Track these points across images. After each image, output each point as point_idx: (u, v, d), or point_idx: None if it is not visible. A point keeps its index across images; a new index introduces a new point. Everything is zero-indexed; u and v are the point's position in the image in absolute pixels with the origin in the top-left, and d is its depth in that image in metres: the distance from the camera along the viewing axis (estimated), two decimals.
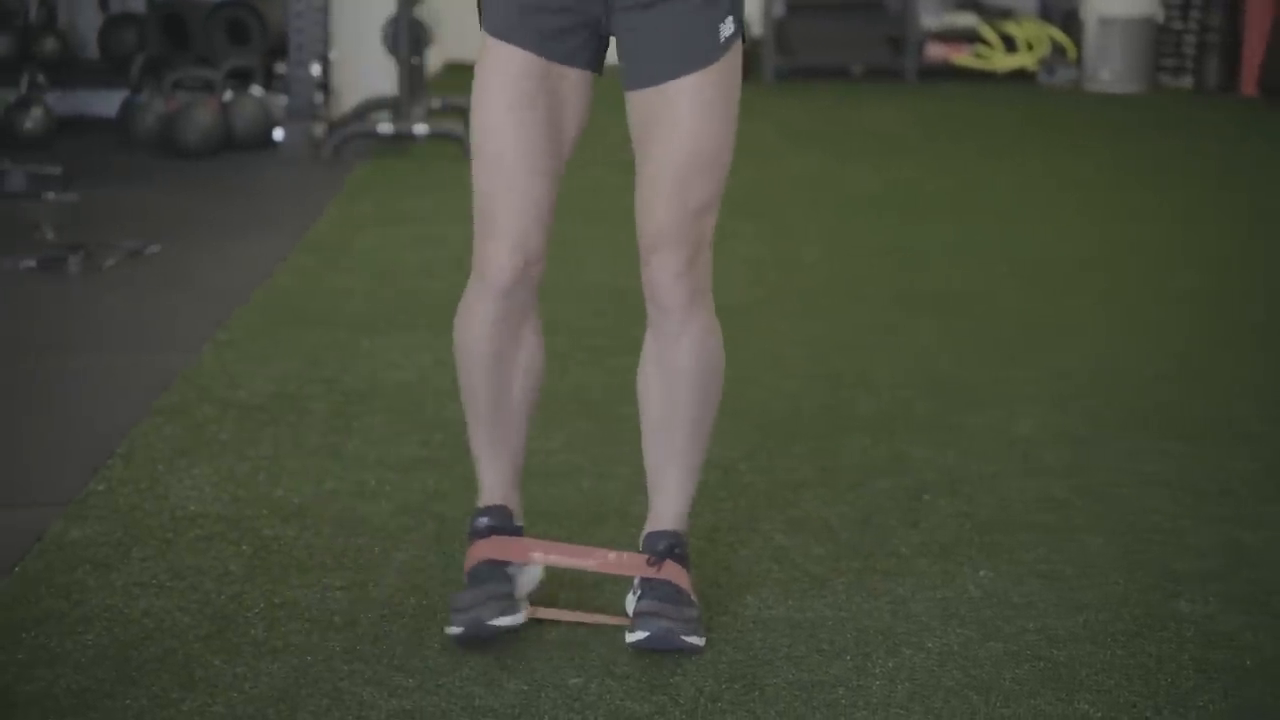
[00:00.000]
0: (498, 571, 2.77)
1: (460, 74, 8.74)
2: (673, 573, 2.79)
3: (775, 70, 8.78)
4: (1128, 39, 8.68)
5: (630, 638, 2.73)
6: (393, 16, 6.82)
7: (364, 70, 7.31)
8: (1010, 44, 8.96)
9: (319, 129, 6.79)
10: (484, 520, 2.81)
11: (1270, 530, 3.22)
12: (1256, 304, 4.81)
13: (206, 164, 6.55)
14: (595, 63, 2.73)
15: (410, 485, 3.41)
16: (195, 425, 3.70)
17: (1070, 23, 9.02)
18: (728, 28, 2.66)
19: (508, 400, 2.81)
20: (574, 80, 2.71)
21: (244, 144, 6.72)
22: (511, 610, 2.73)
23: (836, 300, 4.83)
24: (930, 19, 8.99)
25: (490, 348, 2.77)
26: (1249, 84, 8.37)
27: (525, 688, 2.62)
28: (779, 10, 8.86)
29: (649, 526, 2.84)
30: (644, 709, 2.56)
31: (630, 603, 2.83)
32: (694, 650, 2.71)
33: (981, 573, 3.04)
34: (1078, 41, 8.95)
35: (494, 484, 2.83)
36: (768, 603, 2.92)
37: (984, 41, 8.92)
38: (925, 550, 3.14)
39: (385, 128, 6.73)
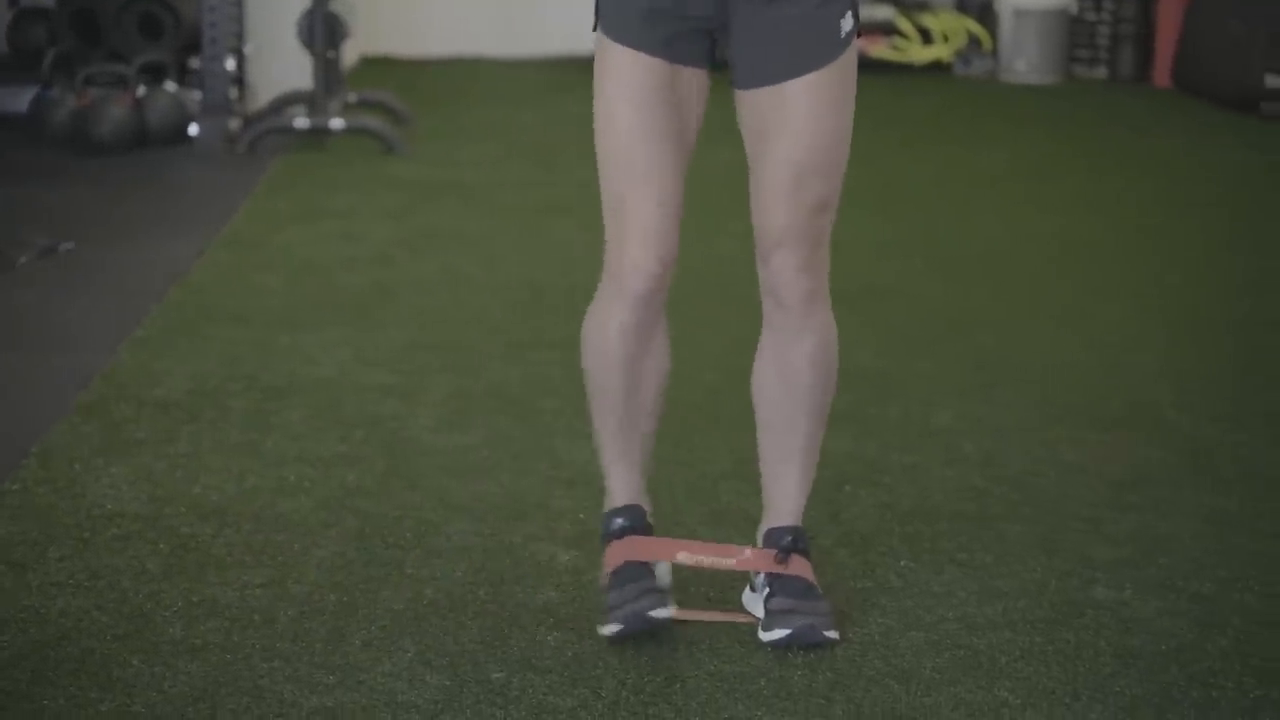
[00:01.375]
0: (643, 569, 2.77)
1: (377, 68, 8.72)
2: (800, 567, 2.81)
3: None
4: (1042, 30, 8.74)
5: (767, 636, 2.73)
6: (308, 10, 6.78)
7: (279, 65, 7.26)
8: (927, 36, 9.01)
9: (234, 124, 6.74)
10: (619, 521, 2.82)
11: (1185, 518, 3.26)
12: (1172, 293, 4.86)
13: (120, 160, 6.48)
14: (711, 58, 2.72)
15: (330, 481, 3.39)
16: (112, 424, 3.66)
17: (986, 14, 9.08)
18: (847, 23, 2.66)
19: (639, 405, 2.81)
20: (693, 78, 2.70)
21: (158, 139, 6.66)
22: (665, 603, 2.73)
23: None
24: None
25: (624, 352, 2.77)
26: (1161, 75, 8.46)
27: (448, 683, 2.61)
28: None
29: (769, 522, 2.85)
30: (567, 703, 2.56)
31: (751, 599, 2.84)
32: (832, 644, 2.72)
33: (902, 562, 3.06)
34: (993, 33, 9.01)
35: (625, 486, 2.84)
36: (689, 595, 2.91)
37: (901, 34, 8.96)
38: (846, 541, 3.15)
39: (301, 123, 6.68)
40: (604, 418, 2.83)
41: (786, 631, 2.71)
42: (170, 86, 6.79)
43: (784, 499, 2.83)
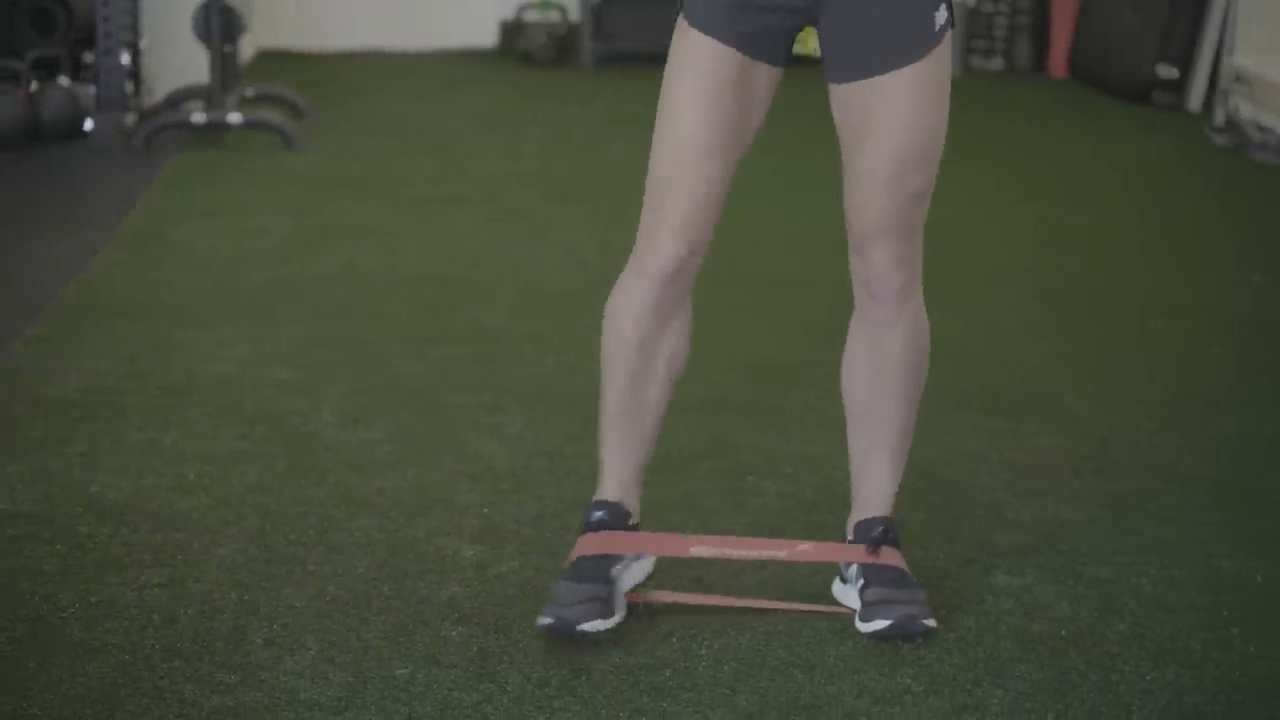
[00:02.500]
0: (601, 570, 2.76)
1: (275, 62, 8.64)
2: (893, 557, 2.81)
3: (592, 56, 8.77)
4: None
5: (867, 627, 2.73)
6: (203, 3, 6.70)
7: (175, 59, 7.17)
8: None
9: (130, 119, 6.65)
10: (598, 514, 2.81)
11: (1084, 504, 3.29)
12: (1072, 280, 4.90)
13: (13, 156, 6.39)
14: (788, 57, 2.72)
15: (230, 479, 3.36)
16: (6, 423, 3.61)
17: None
18: (941, 15, 2.66)
19: (645, 393, 2.79)
20: (766, 75, 2.70)
21: (52, 135, 6.56)
22: (605, 614, 2.72)
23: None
24: None
25: (637, 334, 2.75)
26: (1058, 65, 8.54)
27: (351, 680, 2.59)
28: None
29: (860, 514, 2.85)
30: (472, 698, 2.55)
31: (843, 590, 2.84)
32: (931, 632, 2.72)
33: None
34: None
35: (615, 479, 2.83)
36: None
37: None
38: (750, 531, 3.16)
39: (198, 118, 6.61)
40: (609, 401, 2.82)
41: (887, 622, 2.72)
42: (64, 82, 6.69)
43: (875, 490, 2.85)
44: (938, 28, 2.66)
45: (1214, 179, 6.31)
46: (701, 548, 2.86)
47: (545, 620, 2.71)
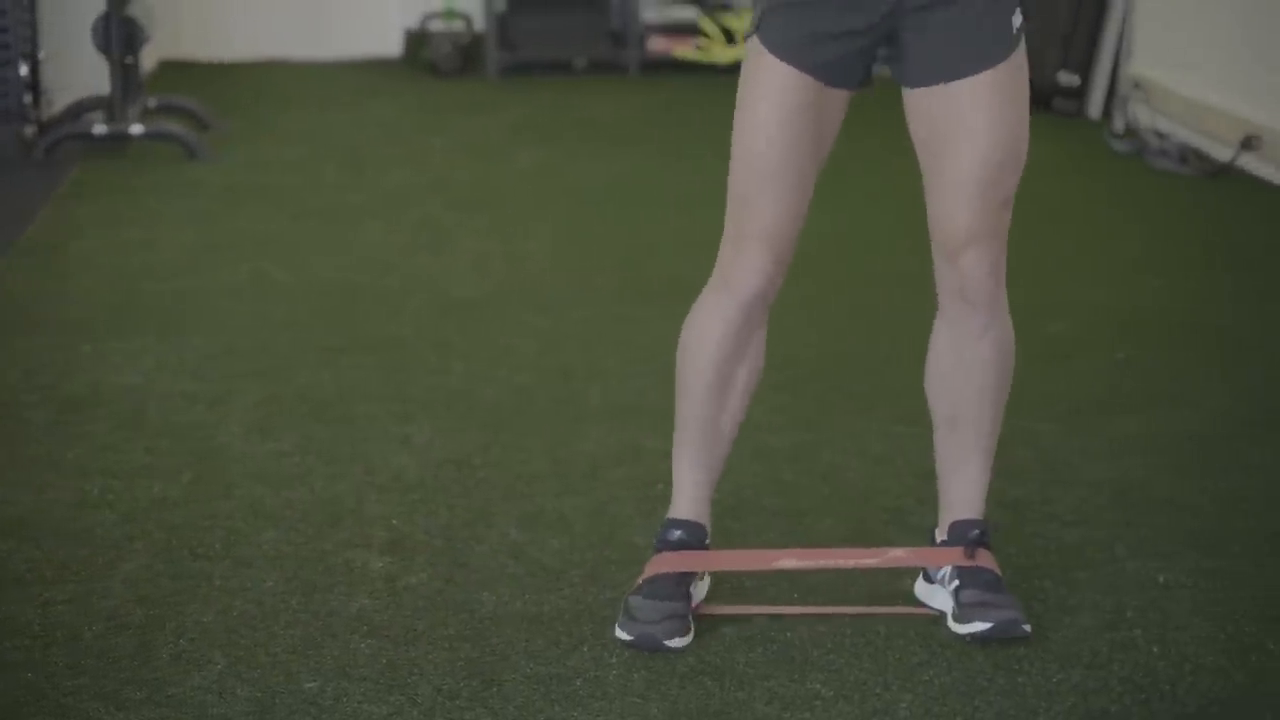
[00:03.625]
0: (680, 587, 2.77)
1: (178, 72, 8.56)
2: (988, 560, 2.83)
3: (498, 65, 8.76)
4: None
5: (965, 629, 2.75)
6: (104, 14, 6.64)
7: (76, 70, 7.09)
8: (730, 37, 9.08)
9: (30, 131, 6.58)
10: (677, 533, 2.82)
11: (987, 507, 3.31)
12: None
13: None
14: (862, 82, 2.74)
15: (135, 492, 3.33)
16: None
17: None
18: (1017, 19, 2.69)
19: (725, 411, 2.81)
20: (840, 98, 2.72)
21: None
22: (685, 632, 2.73)
23: (566, 293, 4.84)
24: (651, 13, 9.05)
25: (720, 352, 2.77)
26: None
27: (259, 694, 2.58)
28: (500, 5, 8.85)
29: (952, 515, 2.87)
30: (381, 710, 2.54)
31: (929, 591, 2.87)
32: (1028, 637, 2.74)
33: None
34: None
35: (692, 500, 2.84)
36: (504, 598, 2.92)
37: (704, 34, 9.02)
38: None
39: (100, 129, 6.54)
40: (685, 422, 2.83)
41: (987, 625, 2.73)
42: None
43: (968, 492, 2.87)
44: (1015, 29, 2.69)
45: (1114, 184, 6.39)
46: (789, 560, 2.89)
47: (626, 636, 2.72)
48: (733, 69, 9.00)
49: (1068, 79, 7.63)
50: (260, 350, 4.26)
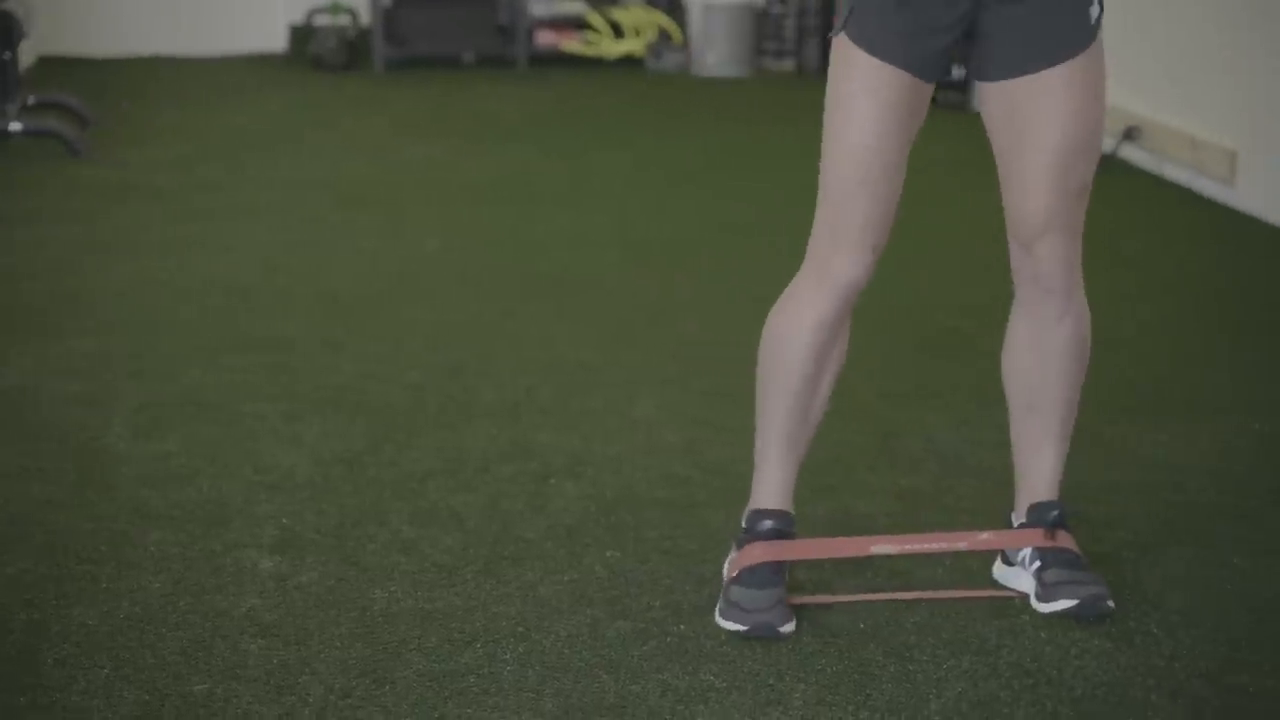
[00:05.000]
0: (778, 575, 2.82)
1: (57, 68, 8.44)
2: (1068, 541, 2.87)
3: (384, 60, 8.71)
4: (731, 24, 8.88)
5: (1050, 607, 2.80)
6: None
7: None
8: (618, 30, 9.08)
9: None
10: (768, 523, 2.87)
11: (879, 497, 3.34)
12: None
13: None
14: (947, 73, 2.77)
15: (16, 495, 3.27)
16: None
17: (675, 9, 9.19)
18: (1095, 9, 2.71)
19: (815, 400, 2.86)
20: (927, 90, 2.74)
21: None
22: (791, 618, 2.78)
23: (455, 289, 4.82)
24: (539, 6, 9.04)
25: (816, 344, 2.81)
26: None
27: (147, 697, 2.54)
28: None
29: (1030, 498, 2.92)
30: (273, 711, 2.52)
31: (1008, 573, 2.92)
32: (1112, 613, 2.79)
33: (608, 553, 3.08)
34: (684, 27, 9.13)
35: (778, 488, 2.88)
36: (396, 596, 2.90)
37: (592, 28, 9.02)
38: (552, 534, 3.16)
39: None
40: (775, 417, 2.86)
41: (1073, 602, 2.79)
42: None
43: (1047, 474, 2.92)
44: (1093, 21, 2.72)
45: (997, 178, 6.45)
46: (883, 546, 2.93)
47: (738, 627, 2.75)
48: (622, 64, 9.03)
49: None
50: (144, 350, 4.21)
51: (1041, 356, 2.87)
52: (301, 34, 8.99)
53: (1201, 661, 2.69)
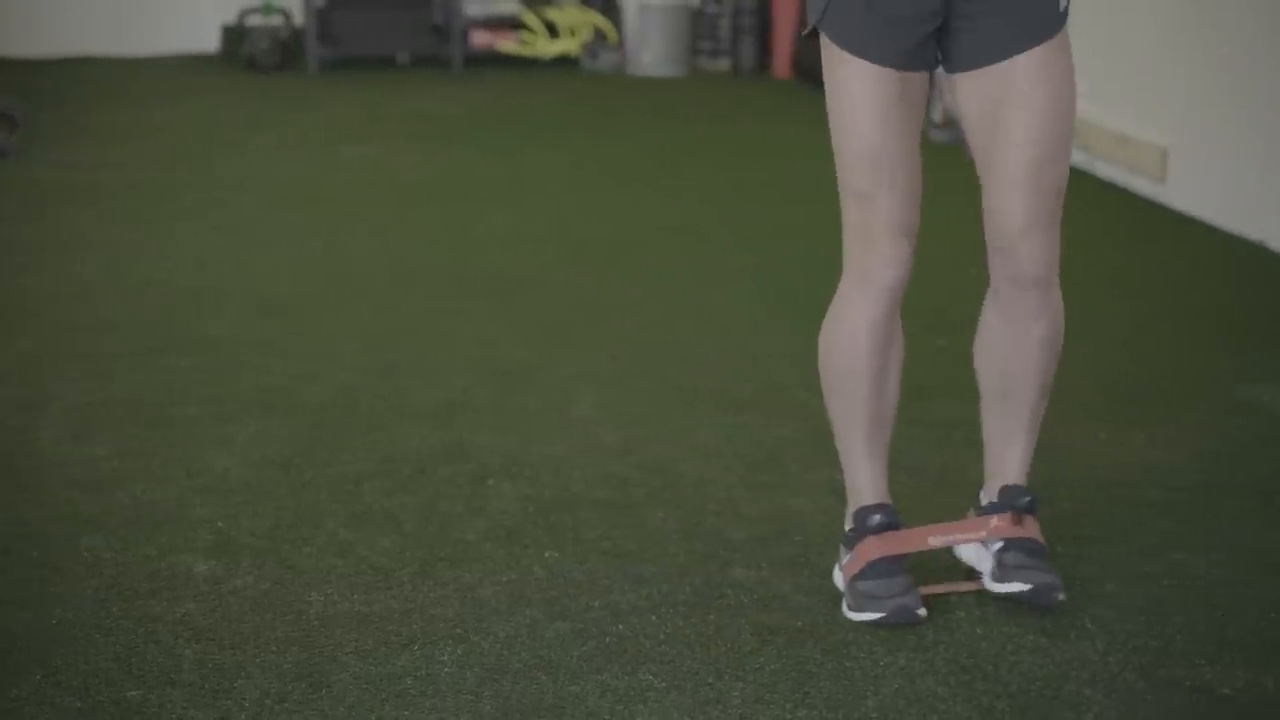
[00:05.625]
0: (897, 566, 2.84)
1: None
2: (1034, 530, 2.91)
3: (319, 61, 8.67)
4: (666, 24, 8.89)
5: (1003, 588, 2.84)
6: None
7: None
8: (553, 30, 9.07)
9: None
10: (877, 518, 2.88)
11: (815, 495, 3.35)
12: (797, 278, 4.99)
13: None
14: (935, 62, 2.76)
15: None
16: None
17: (610, 8, 9.19)
18: None
19: (885, 398, 2.87)
20: (921, 79, 2.74)
21: None
22: (923, 603, 2.82)
23: (391, 290, 4.80)
24: (474, 6, 9.02)
25: (874, 344, 2.82)
26: (781, 66, 8.69)
27: (79, 704, 2.52)
28: None
29: (1001, 480, 2.93)
30: (207, 716, 2.50)
31: (973, 553, 2.94)
32: (1061, 606, 2.82)
33: (547, 554, 3.07)
34: (619, 27, 9.13)
35: (875, 484, 2.91)
36: (333, 599, 2.88)
37: (528, 28, 9.01)
38: (490, 535, 3.15)
39: None
40: (852, 419, 2.88)
41: (1026, 586, 2.82)
42: None
43: (1015, 463, 2.94)
44: (1062, 7, 2.72)
45: (933, 175, 6.46)
46: (935, 538, 2.93)
47: (876, 615, 2.79)
48: (557, 63, 9.02)
49: None
50: (74, 353, 4.17)
51: (1017, 350, 2.88)
52: (234, 34, 8.94)
53: (1135, 656, 2.71)
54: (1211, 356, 4.25)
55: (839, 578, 2.91)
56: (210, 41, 9.06)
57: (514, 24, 9.02)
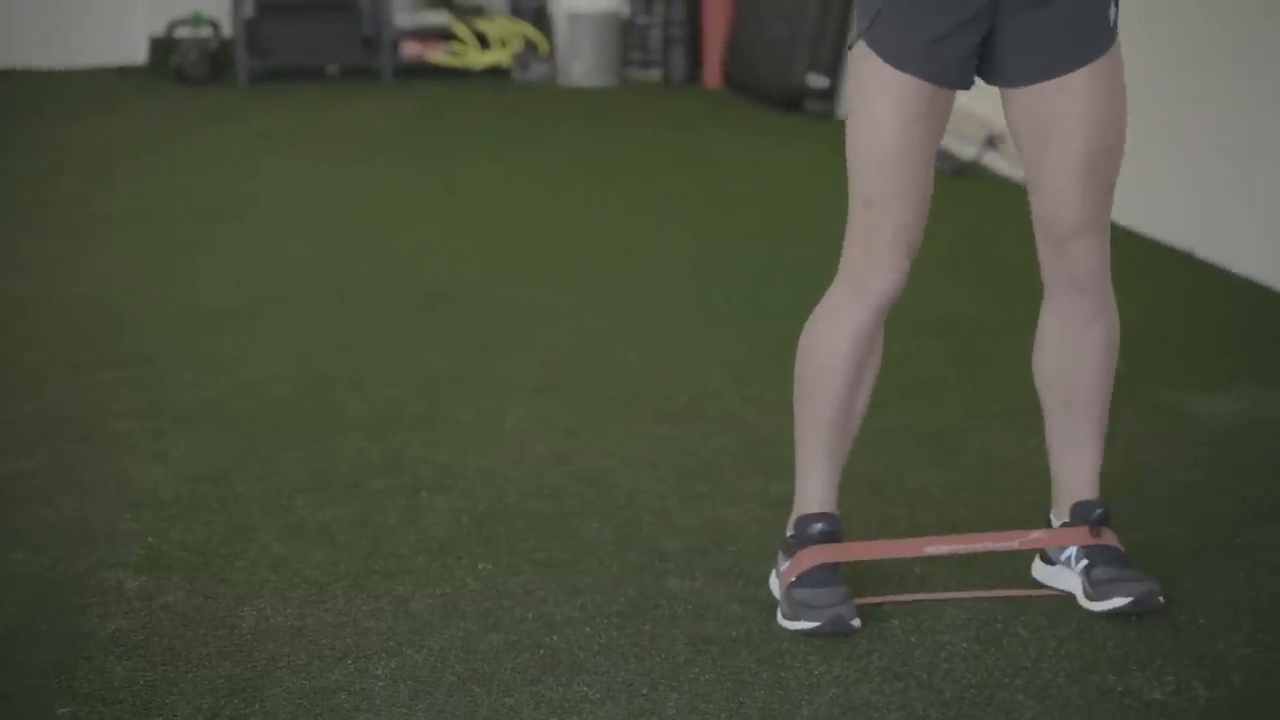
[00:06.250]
0: (838, 575, 2.84)
1: None
2: (1112, 538, 2.90)
3: (248, 73, 8.63)
4: (596, 34, 8.89)
5: (1103, 605, 2.83)
6: None
7: None
8: (484, 41, 9.06)
9: None
10: (819, 526, 2.89)
11: (748, 504, 3.36)
12: (726, 286, 5.00)
13: None
14: (971, 81, 2.77)
15: None
16: None
17: (541, 19, 9.18)
18: (1113, 10, 2.73)
19: (853, 409, 2.87)
20: (950, 97, 2.75)
21: None
22: (858, 613, 2.81)
23: (324, 302, 4.78)
24: (404, 18, 8.99)
25: (854, 354, 2.83)
26: (712, 76, 8.71)
27: None
28: (249, 10, 8.71)
29: (1072, 497, 2.92)
30: None
31: (1050, 573, 2.94)
32: (1162, 607, 2.83)
33: (480, 566, 3.07)
34: (549, 37, 9.13)
35: (823, 493, 2.91)
36: (265, 613, 2.87)
37: (458, 39, 8.99)
38: (424, 548, 3.14)
39: None
40: (817, 422, 2.89)
41: (1128, 599, 2.82)
42: None
43: (1088, 473, 2.94)
44: (1112, 22, 2.75)
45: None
46: (937, 546, 2.95)
47: (809, 624, 2.78)
48: (488, 75, 9.01)
49: (817, 81, 7.77)
50: (4, 367, 4.14)
51: (1076, 357, 2.90)
52: (163, 46, 8.88)
53: (1067, 662, 2.73)
54: (1138, 364, 4.29)
55: (775, 584, 2.92)
56: (139, 53, 8.99)
57: (444, 35, 9.01)
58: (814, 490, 2.93)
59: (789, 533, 2.95)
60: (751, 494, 3.41)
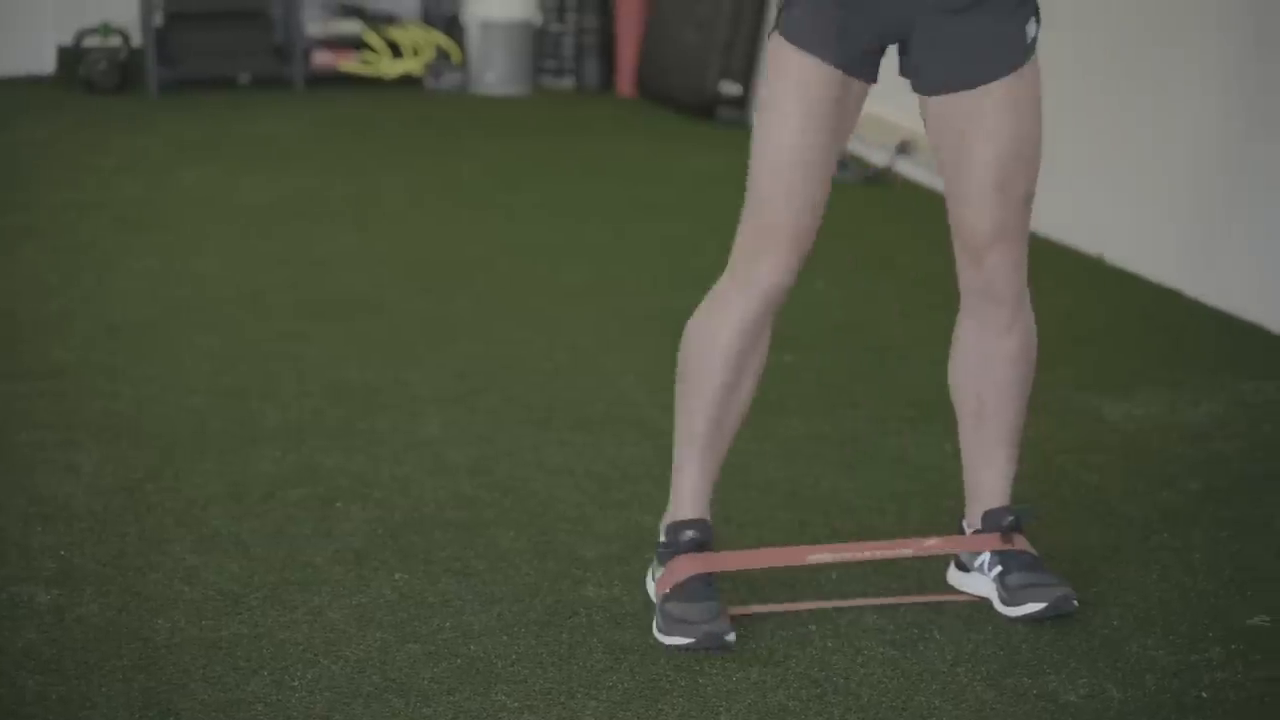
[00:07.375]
0: (712, 586, 2.80)
1: None
2: (1024, 544, 2.90)
3: (158, 82, 8.55)
4: (509, 42, 8.87)
5: (1018, 611, 2.83)
6: None
7: None
8: (396, 50, 9.03)
9: None
10: (690, 534, 2.85)
11: (663, 511, 3.36)
12: (639, 294, 5.01)
13: None
14: (877, 74, 2.77)
15: None
16: None
17: (453, 27, 9.15)
18: (1032, 28, 2.74)
19: (733, 408, 2.84)
20: (860, 91, 2.74)
21: None
22: (733, 626, 2.79)
23: (237, 312, 4.75)
24: (315, 26, 8.94)
25: (736, 350, 2.80)
26: (625, 84, 8.72)
27: None
28: (158, 20, 8.63)
29: (984, 504, 2.94)
30: None
31: (965, 579, 2.95)
32: (1076, 611, 2.86)
33: (397, 575, 3.06)
34: (462, 46, 9.11)
35: (696, 497, 2.87)
36: (180, 625, 2.85)
37: (370, 48, 8.95)
38: (340, 558, 3.13)
39: None
40: (694, 419, 2.86)
41: (1042, 605, 2.84)
42: None
43: (999, 481, 2.95)
44: (1029, 39, 2.76)
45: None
46: (822, 555, 2.94)
47: (683, 640, 2.75)
48: (401, 83, 8.98)
49: (730, 88, 7.80)
50: None
51: (990, 366, 2.91)
52: (71, 56, 8.78)
53: (983, 666, 2.76)
54: (1050, 368, 4.33)
55: (651, 589, 2.92)
56: (46, 63, 8.89)
57: (356, 44, 8.96)
58: (687, 491, 2.92)
59: (660, 539, 2.94)
60: (667, 500, 3.41)
